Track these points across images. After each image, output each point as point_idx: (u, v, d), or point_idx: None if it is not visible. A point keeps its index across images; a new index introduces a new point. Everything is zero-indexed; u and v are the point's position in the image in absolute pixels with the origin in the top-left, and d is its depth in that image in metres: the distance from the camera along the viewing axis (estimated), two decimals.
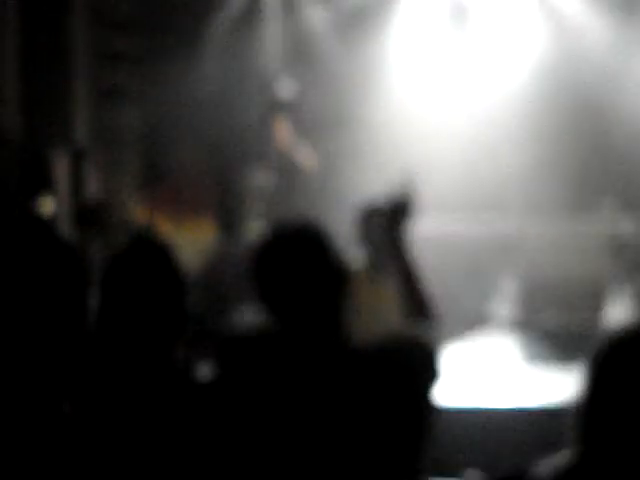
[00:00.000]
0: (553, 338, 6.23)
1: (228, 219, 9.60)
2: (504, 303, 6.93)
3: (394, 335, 2.06)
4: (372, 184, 8.34)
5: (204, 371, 2.03)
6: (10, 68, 8.38)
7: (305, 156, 8.49)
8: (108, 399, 1.79)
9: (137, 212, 9.58)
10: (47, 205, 8.49)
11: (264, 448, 1.78)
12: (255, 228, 8.32)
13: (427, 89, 10.21)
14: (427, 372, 1.91)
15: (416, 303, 2.62)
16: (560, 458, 1.59)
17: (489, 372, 5.60)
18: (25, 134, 8.62)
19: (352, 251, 3.55)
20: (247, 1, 10.57)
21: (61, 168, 8.62)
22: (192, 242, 7.54)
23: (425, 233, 6.58)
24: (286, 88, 8.69)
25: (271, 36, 10.78)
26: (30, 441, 1.58)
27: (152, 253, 1.88)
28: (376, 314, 2.96)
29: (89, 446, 1.72)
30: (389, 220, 2.76)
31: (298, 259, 1.88)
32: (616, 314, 6.39)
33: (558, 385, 5.03)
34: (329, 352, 1.83)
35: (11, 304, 1.58)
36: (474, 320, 6.86)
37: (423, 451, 1.84)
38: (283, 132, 8.40)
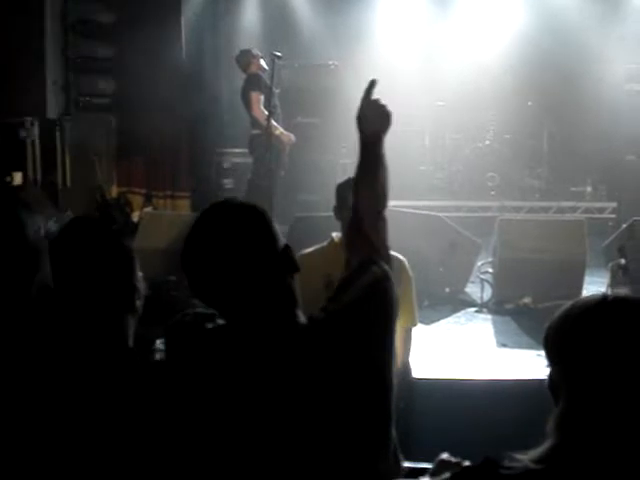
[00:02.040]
0: (528, 320, 6.23)
1: (203, 196, 9.49)
2: (481, 284, 6.93)
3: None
4: (350, 158, 8.31)
5: (159, 348, 1.96)
6: None
7: (282, 132, 8.39)
8: (55, 369, 1.73)
9: (111, 187, 9.46)
10: (18, 178, 8.39)
11: (210, 428, 1.70)
12: None
13: (408, 65, 10.17)
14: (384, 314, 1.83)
15: None
16: (534, 452, 1.49)
17: (465, 352, 5.61)
18: None
19: (331, 222, 3.61)
20: None
21: (32, 141, 8.51)
22: (167, 219, 7.44)
23: (402, 215, 6.54)
24: (264, 63, 8.58)
25: (249, 10, 10.66)
26: None
27: (95, 227, 1.83)
28: None
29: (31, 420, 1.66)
30: None
31: (225, 244, 1.74)
32: None
33: (532, 366, 5.04)
34: (276, 332, 1.73)
35: None
36: (451, 300, 6.86)
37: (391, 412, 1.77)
38: (260, 108, 8.28)
